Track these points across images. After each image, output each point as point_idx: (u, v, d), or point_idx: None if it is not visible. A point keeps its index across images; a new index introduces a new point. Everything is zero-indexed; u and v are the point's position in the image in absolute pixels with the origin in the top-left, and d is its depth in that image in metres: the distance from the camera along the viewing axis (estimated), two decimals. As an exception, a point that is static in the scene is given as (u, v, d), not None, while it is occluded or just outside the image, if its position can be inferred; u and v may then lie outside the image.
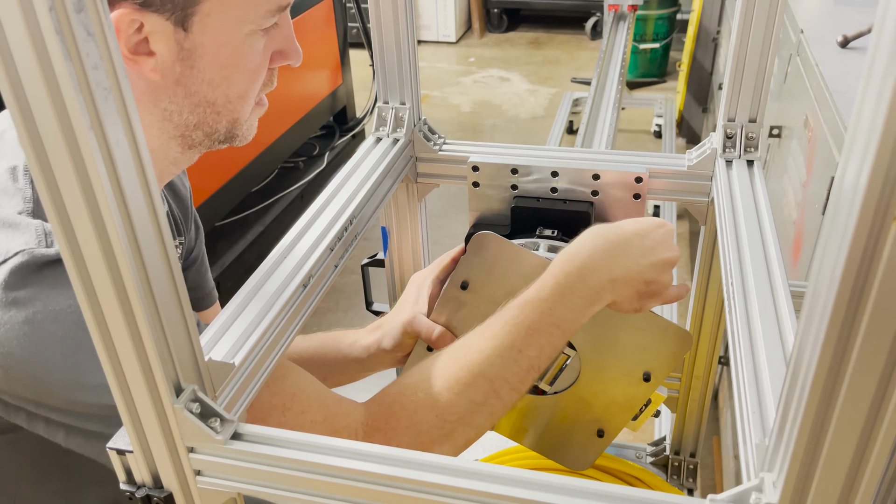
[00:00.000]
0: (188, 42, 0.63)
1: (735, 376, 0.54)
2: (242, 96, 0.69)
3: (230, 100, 0.68)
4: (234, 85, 0.67)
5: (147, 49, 0.62)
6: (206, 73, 0.65)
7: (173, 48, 0.62)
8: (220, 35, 0.64)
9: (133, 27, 0.60)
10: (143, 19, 0.60)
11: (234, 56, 0.65)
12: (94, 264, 0.42)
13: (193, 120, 0.68)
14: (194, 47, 0.63)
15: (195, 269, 0.95)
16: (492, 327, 0.67)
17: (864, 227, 0.30)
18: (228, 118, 0.69)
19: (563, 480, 0.46)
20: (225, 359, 0.54)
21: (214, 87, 0.66)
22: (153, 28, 0.60)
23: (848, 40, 1.40)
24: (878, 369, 0.32)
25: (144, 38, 0.61)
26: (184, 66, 0.64)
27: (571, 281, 0.67)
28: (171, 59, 0.63)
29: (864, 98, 0.29)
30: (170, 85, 0.65)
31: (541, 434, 0.83)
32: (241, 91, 0.68)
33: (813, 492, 0.38)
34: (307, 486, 0.49)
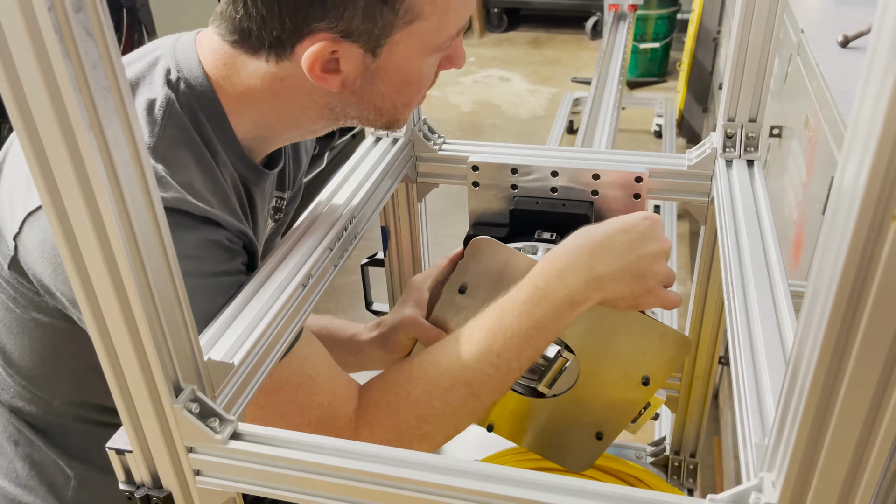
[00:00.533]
0: (374, 65, 0.67)
1: (735, 376, 0.54)
2: (408, 104, 0.73)
3: (396, 107, 0.72)
4: (403, 96, 0.71)
5: (336, 67, 0.66)
6: (383, 88, 0.69)
7: (359, 68, 0.67)
8: (405, 60, 0.68)
9: (329, 54, 0.64)
10: (340, 47, 0.64)
11: (411, 76, 0.70)
12: (94, 264, 0.42)
13: (355, 114, 0.72)
14: (378, 69, 0.67)
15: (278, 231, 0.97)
16: (471, 331, 0.69)
17: (863, 226, 0.29)
18: (388, 118, 0.74)
19: (563, 480, 0.46)
20: (224, 358, 0.54)
21: (386, 98, 0.70)
22: (345, 53, 0.65)
23: (848, 40, 1.40)
24: (877, 369, 0.32)
25: (335, 59, 0.65)
26: (364, 82, 0.68)
27: (550, 283, 0.68)
28: (354, 76, 0.67)
29: (863, 97, 0.29)
30: (346, 93, 0.69)
31: (540, 436, 0.83)
32: (409, 101, 0.73)
33: (812, 491, 0.38)
34: (307, 486, 0.49)
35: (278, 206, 0.90)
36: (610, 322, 0.73)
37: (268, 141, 0.75)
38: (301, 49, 0.64)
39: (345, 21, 0.62)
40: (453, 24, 0.68)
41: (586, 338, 0.75)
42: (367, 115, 0.72)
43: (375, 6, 0.62)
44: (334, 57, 0.65)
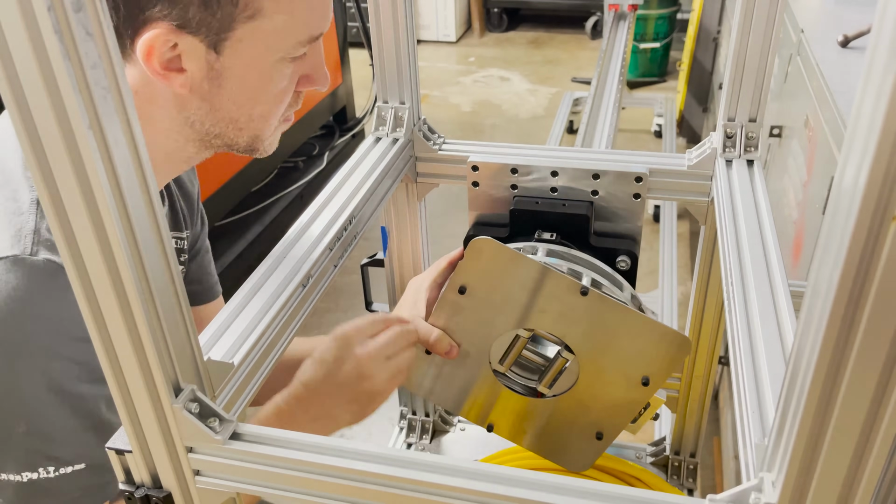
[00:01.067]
0: (218, 64, 0.65)
1: (735, 376, 0.54)
2: (265, 116, 0.71)
3: (253, 119, 0.70)
4: (258, 105, 0.69)
5: (178, 66, 0.64)
6: (233, 93, 0.67)
7: (203, 67, 0.65)
8: (250, 60, 0.66)
9: (167, 45, 0.62)
10: (178, 39, 0.62)
11: (260, 80, 0.68)
12: (93, 264, 0.42)
13: (215, 131, 0.70)
14: (223, 69, 0.65)
15: (197, 263, 0.96)
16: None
17: (863, 226, 0.29)
18: (250, 134, 0.72)
19: (563, 480, 0.46)
20: (224, 358, 0.54)
21: (239, 106, 0.68)
22: (186, 48, 0.63)
23: (848, 40, 1.40)
24: (877, 369, 0.32)
25: (177, 56, 0.63)
26: (212, 84, 0.66)
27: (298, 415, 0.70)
28: (200, 77, 0.65)
29: (863, 97, 0.29)
30: (196, 99, 0.67)
31: (540, 436, 0.83)
32: (265, 112, 0.70)
33: (812, 491, 0.38)
34: (306, 486, 0.49)
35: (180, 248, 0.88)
36: (610, 322, 0.73)
37: None
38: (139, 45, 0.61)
39: (179, 8, 0.60)
40: (302, 30, 0.66)
41: (586, 338, 0.75)
42: (227, 128, 0.70)
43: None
44: (176, 53, 0.63)
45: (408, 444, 1.18)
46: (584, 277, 0.75)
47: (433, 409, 1.18)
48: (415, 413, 1.18)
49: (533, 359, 0.80)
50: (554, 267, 0.73)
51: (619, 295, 0.77)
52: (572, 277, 0.73)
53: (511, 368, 0.81)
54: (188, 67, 0.64)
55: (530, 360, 0.80)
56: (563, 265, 0.77)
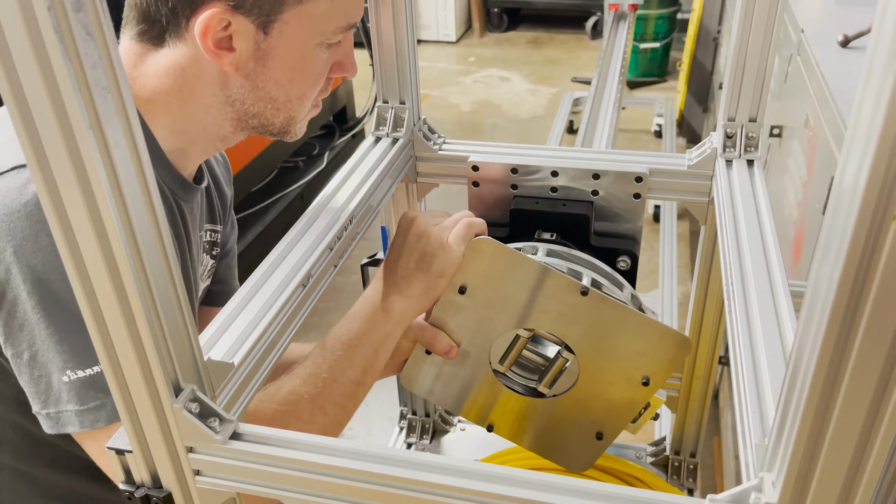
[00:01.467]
0: (265, 44, 0.70)
1: (735, 376, 0.54)
2: (302, 98, 0.76)
3: (290, 99, 0.75)
4: (296, 86, 0.74)
5: (229, 45, 0.69)
6: (275, 73, 0.72)
7: (251, 47, 0.70)
8: (294, 42, 0.71)
9: (221, 25, 0.67)
10: (232, 19, 0.67)
11: (301, 61, 0.73)
12: (94, 264, 0.42)
13: (254, 111, 0.74)
14: (269, 48, 0.70)
15: (225, 263, 1.00)
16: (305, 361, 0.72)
17: (863, 226, 0.29)
18: (286, 115, 0.76)
19: (563, 480, 0.46)
20: (224, 358, 0.54)
21: (280, 86, 0.73)
22: (238, 27, 0.68)
23: (848, 40, 1.40)
24: (877, 369, 0.32)
25: (229, 35, 0.68)
26: (257, 63, 0.71)
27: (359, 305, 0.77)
28: (247, 56, 0.70)
29: (863, 97, 0.29)
30: (241, 78, 0.71)
31: (540, 436, 0.83)
32: (302, 93, 0.75)
33: (812, 491, 0.37)
34: (306, 486, 0.49)
35: (213, 241, 0.91)
36: (610, 322, 0.73)
37: (185, 154, 0.77)
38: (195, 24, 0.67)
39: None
40: (342, 15, 0.72)
41: (586, 338, 0.75)
42: (265, 108, 0.74)
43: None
44: (227, 33, 0.68)
45: (408, 444, 1.18)
46: (584, 277, 0.75)
47: (433, 409, 1.18)
48: (415, 413, 1.18)
49: (533, 359, 0.80)
50: (554, 267, 0.73)
51: (619, 295, 0.77)
52: (572, 277, 0.73)
53: (511, 368, 0.81)
54: (238, 47, 0.69)
55: (530, 360, 0.80)
56: (563, 265, 0.77)
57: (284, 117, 0.76)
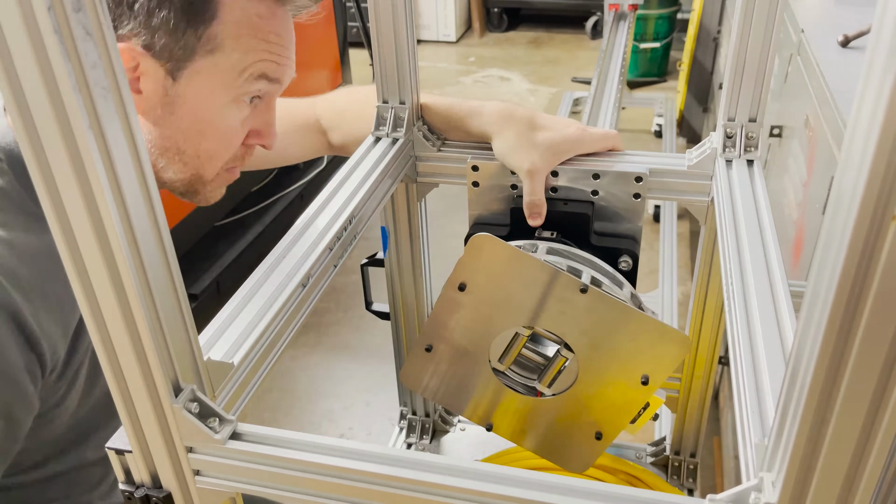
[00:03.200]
0: (173, 90, 0.68)
1: (735, 376, 0.54)
2: (211, 156, 0.74)
3: (198, 155, 0.73)
4: (205, 141, 0.72)
5: (136, 87, 0.67)
6: (183, 123, 0.70)
7: (159, 92, 0.68)
8: (204, 93, 0.69)
9: (130, 64, 0.66)
10: (142, 60, 0.66)
11: (211, 114, 0.71)
12: (93, 264, 0.42)
13: (161, 163, 0.72)
14: (177, 96, 0.69)
15: None
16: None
17: (863, 226, 0.29)
18: (192, 172, 0.74)
19: (563, 480, 0.46)
20: (224, 358, 0.54)
21: (187, 137, 0.71)
22: (147, 69, 0.66)
23: (849, 40, 1.40)
24: (876, 369, 0.32)
25: (136, 77, 0.67)
26: (164, 110, 0.69)
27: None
28: (154, 100, 0.68)
29: (863, 97, 0.29)
30: (148, 123, 0.70)
31: (539, 436, 0.83)
32: (212, 151, 0.73)
33: (812, 491, 0.38)
34: (307, 486, 0.49)
35: None
36: (609, 320, 0.73)
37: None
38: None
39: (149, 30, 0.64)
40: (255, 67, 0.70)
41: (585, 336, 0.75)
42: (172, 159, 0.72)
43: (179, 24, 0.65)
44: (136, 75, 0.66)
45: (408, 444, 1.18)
46: (583, 275, 0.75)
47: (433, 408, 1.18)
48: (415, 413, 1.18)
49: (532, 357, 0.80)
50: (554, 265, 0.73)
51: (619, 294, 0.77)
52: (572, 275, 0.73)
53: (510, 367, 0.81)
54: (145, 89, 0.67)
55: (530, 359, 0.80)
56: (563, 263, 0.77)
57: (191, 175, 0.74)
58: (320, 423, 2.15)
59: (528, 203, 0.84)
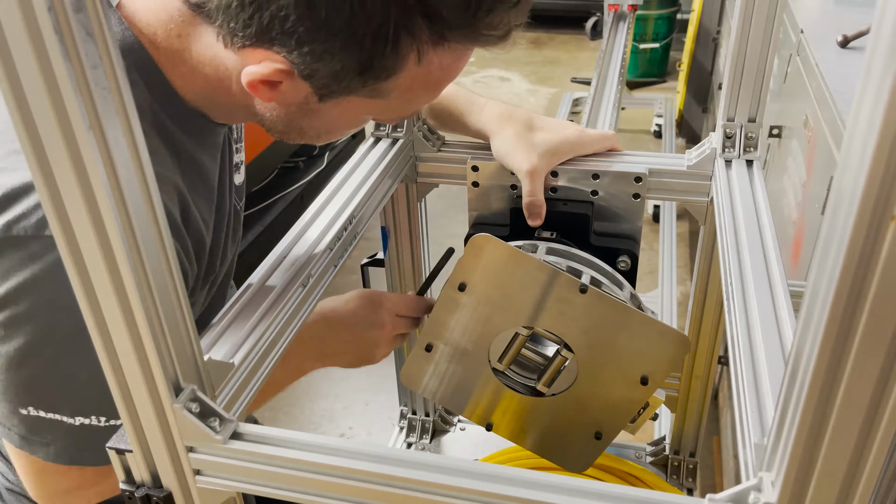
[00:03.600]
0: (315, 105, 0.64)
1: (734, 376, 0.54)
2: (328, 140, 0.73)
3: (319, 137, 0.71)
4: (332, 135, 0.72)
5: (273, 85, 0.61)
6: (313, 123, 0.67)
7: (298, 100, 0.63)
8: (347, 114, 0.66)
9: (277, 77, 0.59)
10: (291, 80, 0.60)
11: (344, 126, 0.70)
12: (94, 264, 0.42)
13: (277, 129, 0.69)
14: (318, 110, 0.65)
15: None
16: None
17: (862, 226, 0.30)
18: (308, 141, 0.72)
19: (563, 480, 0.46)
20: (224, 358, 0.54)
21: (312, 129, 0.69)
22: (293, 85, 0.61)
23: (848, 40, 1.40)
24: (876, 368, 0.32)
25: (280, 81, 0.60)
26: (298, 111, 0.65)
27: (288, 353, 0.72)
28: (289, 102, 0.64)
29: (862, 97, 0.29)
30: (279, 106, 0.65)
31: (539, 435, 0.83)
32: (330, 139, 0.73)
33: (811, 491, 0.38)
34: (307, 486, 0.49)
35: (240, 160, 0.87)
36: (609, 320, 0.73)
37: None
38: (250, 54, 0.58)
39: (310, 69, 0.58)
40: (410, 110, 0.70)
41: (585, 336, 0.75)
42: (290, 134, 0.70)
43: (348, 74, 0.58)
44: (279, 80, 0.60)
45: (408, 444, 1.18)
46: (583, 275, 0.75)
47: (433, 408, 1.18)
48: (415, 413, 1.18)
49: (532, 357, 0.80)
50: (553, 265, 0.73)
51: (618, 294, 0.77)
52: (572, 275, 0.73)
53: (510, 367, 0.81)
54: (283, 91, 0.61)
55: (529, 359, 0.80)
56: (562, 263, 0.77)
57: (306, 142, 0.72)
58: (320, 423, 2.15)
59: (528, 203, 0.84)
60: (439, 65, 0.61)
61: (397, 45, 0.57)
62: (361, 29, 0.55)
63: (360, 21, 0.54)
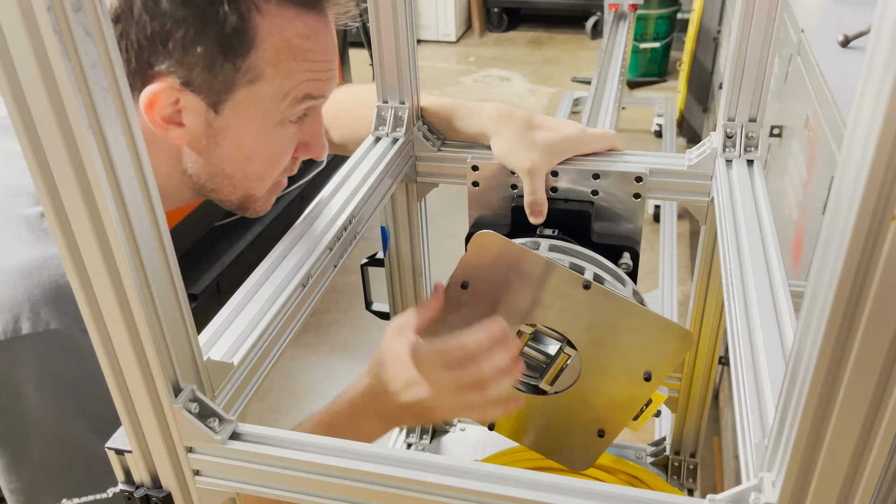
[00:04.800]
0: (217, 122, 0.67)
1: (735, 376, 0.54)
2: (261, 177, 0.73)
3: (248, 177, 0.72)
4: (254, 165, 0.71)
5: (178, 120, 0.66)
6: (230, 152, 0.69)
7: (202, 124, 0.66)
8: (248, 121, 0.68)
9: (170, 100, 0.64)
10: (181, 96, 0.64)
11: (258, 141, 0.69)
12: (93, 264, 0.42)
13: (210, 186, 0.72)
14: (222, 127, 0.67)
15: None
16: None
17: (863, 226, 0.29)
18: (243, 193, 0.73)
19: (563, 480, 0.46)
20: (224, 358, 0.54)
21: (235, 164, 0.70)
22: (188, 104, 0.65)
23: (849, 40, 1.40)
24: (876, 368, 0.32)
25: (178, 111, 0.65)
26: (209, 141, 0.68)
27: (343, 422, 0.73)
28: (198, 133, 0.67)
29: (862, 97, 0.29)
30: (193, 153, 0.69)
31: (541, 434, 0.83)
32: (261, 172, 0.72)
33: (812, 491, 0.37)
34: (307, 486, 0.49)
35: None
36: (612, 316, 0.73)
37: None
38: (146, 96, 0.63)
39: (186, 67, 0.62)
40: (299, 89, 0.68)
41: (588, 332, 0.75)
42: (221, 184, 0.71)
43: (216, 58, 0.63)
44: (177, 108, 0.65)
45: (408, 444, 1.18)
46: (586, 272, 0.75)
47: (433, 409, 1.18)
48: (415, 413, 1.18)
49: (535, 356, 0.80)
50: (556, 261, 0.73)
51: (621, 290, 0.77)
52: (575, 272, 0.73)
53: (512, 367, 0.81)
54: (187, 122, 0.66)
55: (532, 357, 0.80)
56: (565, 260, 0.77)
57: (242, 195, 0.73)
58: (320, 423, 2.14)
59: (530, 202, 0.84)
60: (293, 32, 0.65)
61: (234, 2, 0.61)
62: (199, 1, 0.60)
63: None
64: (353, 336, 2.46)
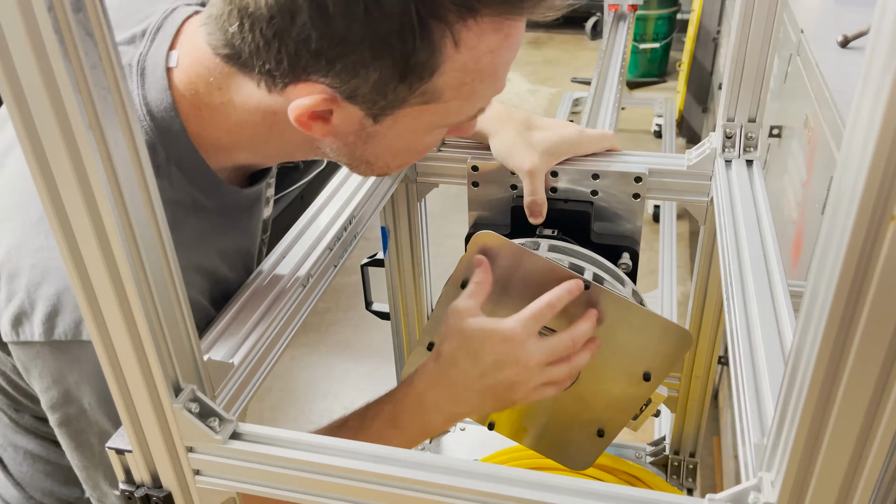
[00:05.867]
0: (372, 129, 0.61)
1: (734, 376, 0.54)
2: (403, 165, 0.69)
3: (389, 167, 0.68)
4: (399, 160, 0.67)
5: (327, 118, 0.59)
6: (377, 150, 0.63)
7: (354, 127, 0.60)
8: (407, 131, 0.62)
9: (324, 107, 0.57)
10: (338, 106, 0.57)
11: (411, 145, 0.65)
12: (93, 264, 0.42)
13: (345, 161, 0.66)
14: (376, 133, 0.61)
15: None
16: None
17: (862, 226, 0.29)
18: (379, 173, 0.69)
19: (563, 480, 0.46)
20: (224, 358, 0.54)
21: (379, 158, 0.65)
22: (343, 111, 0.58)
23: (848, 40, 1.40)
24: (875, 368, 0.32)
25: (329, 110, 0.58)
26: (357, 139, 0.62)
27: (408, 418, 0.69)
28: (346, 132, 0.61)
29: (862, 97, 0.29)
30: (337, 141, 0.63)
31: (541, 434, 0.83)
32: (403, 163, 0.69)
33: (811, 491, 0.38)
34: (307, 486, 0.49)
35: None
36: (611, 316, 0.73)
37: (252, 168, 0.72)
38: (294, 91, 0.56)
39: (350, 87, 0.55)
40: (475, 108, 0.63)
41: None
42: (358, 165, 0.67)
43: (390, 83, 0.55)
44: (328, 108, 0.58)
45: (408, 444, 1.18)
46: (586, 272, 0.75)
47: (433, 409, 1.18)
48: (415, 413, 1.18)
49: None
50: (556, 261, 0.73)
51: (620, 290, 0.77)
52: (574, 272, 0.73)
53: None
54: (336, 123, 0.59)
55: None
56: (565, 260, 0.77)
57: (378, 174, 0.69)
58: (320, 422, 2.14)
59: (529, 202, 0.84)
60: (486, 48, 0.56)
61: (426, 34, 0.53)
62: (383, 29, 0.52)
63: (379, 20, 0.51)
64: (353, 336, 2.46)
